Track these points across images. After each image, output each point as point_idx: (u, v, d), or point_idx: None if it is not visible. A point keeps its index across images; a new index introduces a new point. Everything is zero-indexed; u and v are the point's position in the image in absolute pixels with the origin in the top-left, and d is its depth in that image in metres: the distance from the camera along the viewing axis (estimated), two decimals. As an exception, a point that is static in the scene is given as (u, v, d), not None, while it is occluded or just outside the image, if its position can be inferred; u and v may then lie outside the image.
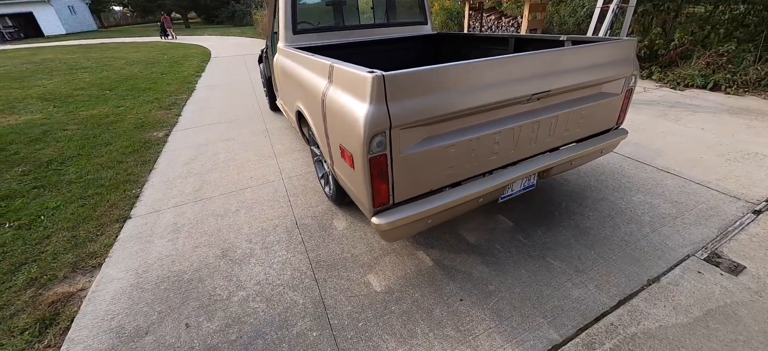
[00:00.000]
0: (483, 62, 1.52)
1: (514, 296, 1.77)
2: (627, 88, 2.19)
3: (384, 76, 1.31)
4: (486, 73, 1.55)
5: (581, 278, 1.86)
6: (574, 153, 2.08)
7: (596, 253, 2.04)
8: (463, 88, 1.51)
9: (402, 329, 1.63)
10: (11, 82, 7.74)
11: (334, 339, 1.60)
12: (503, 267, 1.96)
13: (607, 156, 3.25)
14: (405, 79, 1.37)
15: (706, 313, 1.63)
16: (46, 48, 16.23)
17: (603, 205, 2.49)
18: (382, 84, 1.31)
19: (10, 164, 3.65)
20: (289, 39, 3.30)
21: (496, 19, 8.72)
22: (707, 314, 1.62)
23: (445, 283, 1.87)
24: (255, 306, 1.81)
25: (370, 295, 1.83)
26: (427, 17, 3.97)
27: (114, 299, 1.92)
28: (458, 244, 2.17)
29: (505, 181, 1.80)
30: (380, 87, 1.32)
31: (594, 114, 2.11)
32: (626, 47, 2.06)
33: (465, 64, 1.48)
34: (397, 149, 1.43)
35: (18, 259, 2.25)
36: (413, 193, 1.60)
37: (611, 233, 2.20)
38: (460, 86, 1.50)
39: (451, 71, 1.46)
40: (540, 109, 1.84)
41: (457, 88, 1.49)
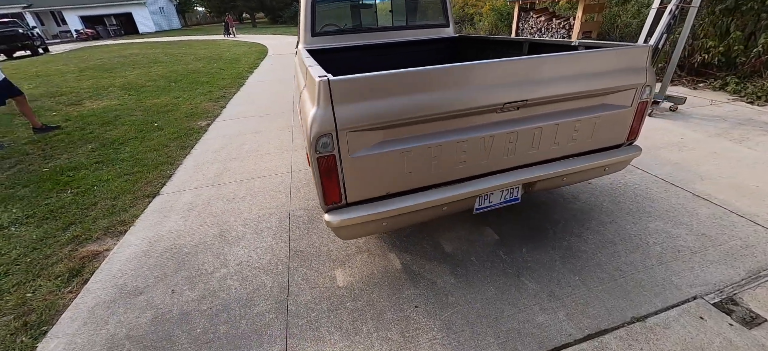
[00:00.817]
0: (441, 69, 1.50)
1: (471, 311, 1.71)
2: (639, 101, 1.95)
3: (329, 80, 1.37)
4: (445, 80, 1.52)
5: (553, 304, 1.72)
6: (564, 168, 1.92)
7: (580, 279, 1.87)
8: (419, 94, 1.50)
9: (349, 325, 1.67)
10: (103, 72, 9.25)
11: (286, 324, 1.71)
12: (471, 280, 1.90)
13: (632, 175, 2.90)
14: (353, 84, 1.41)
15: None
16: (136, 44, 18.98)
17: (608, 229, 2.25)
18: (327, 87, 1.37)
19: (85, 141, 4.41)
20: (308, 40, 3.50)
21: (547, 20, 8.15)
22: (692, 366, 1.41)
23: (406, 288, 1.87)
24: (231, 283, 2.00)
25: (331, 289, 1.90)
26: (448, 20, 3.90)
27: (126, 261, 2.25)
28: (433, 251, 2.14)
29: (473, 191, 1.74)
30: (326, 90, 1.38)
31: (595, 127, 1.92)
32: (635, 55, 1.84)
33: (420, 70, 1.47)
34: (346, 151, 1.48)
35: (69, 219, 2.74)
36: (369, 194, 1.63)
37: (607, 260, 1.99)
38: (415, 93, 1.49)
39: (405, 77, 1.46)
40: (519, 119, 1.73)
41: (412, 95, 1.49)
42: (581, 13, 6.98)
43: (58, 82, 7.56)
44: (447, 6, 3.87)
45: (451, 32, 3.93)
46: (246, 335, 1.66)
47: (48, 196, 3.11)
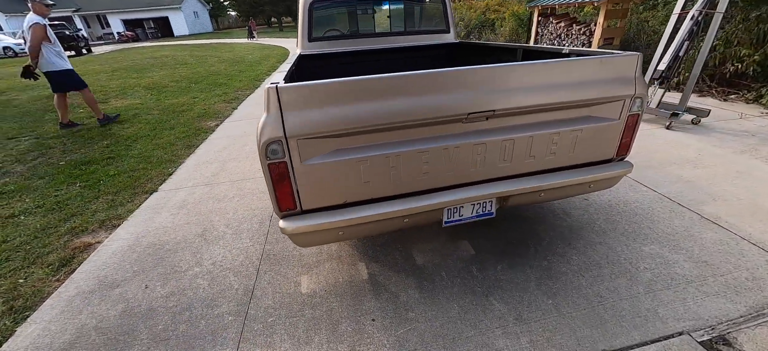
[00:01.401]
0: (398, 77, 1.45)
1: (429, 330, 1.63)
2: (628, 114, 1.81)
3: (277, 87, 1.36)
4: (402, 89, 1.47)
5: (518, 328, 1.62)
6: (542, 183, 1.80)
7: (554, 303, 1.74)
8: (375, 103, 1.46)
9: (303, 334, 1.65)
10: (132, 72, 9.85)
11: (243, 328, 1.71)
12: (436, 296, 1.82)
13: (635, 192, 2.70)
14: (303, 91, 1.39)
15: (660, 408, 1.28)
16: (168, 46, 20.08)
17: (596, 250, 2.10)
18: (276, 94, 1.36)
19: (102, 138, 4.69)
20: (305, 46, 3.54)
21: (566, 26, 7.82)
22: (660, 410, 1.27)
23: (368, 299, 1.82)
24: (200, 282, 2.03)
25: (293, 295, 1.89)
26: (449, 25, 3.83)
27: (112, 254, 2.35)
28: (403, 263, 2.08)
29: (436, 203, 1.67)
30: (275, 97, 1.37)
31: (577, 140, 1.79)
32: (623, 64, 1.71)
33: (375, 78, 1.43)
34: (297, 158, 1.46)
35: (71, 211, 2.91)
36: (325, 202, 1.60)
37: (587, 284, 1.85)
38: (371, 101, 1.45)
39: (358, 85, 1.43)
40: (487, 130, 1.65)
41: (367, 103, 1.45)
42: (602, 19, 6.64)
43: (92, 81, 8.12)
44: (447, 11, 3.79)
45: (452, 38, 3.85)
46: (202, 336, 1.68)
47: (58, 188, 3.32)
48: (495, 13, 14.53)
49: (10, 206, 3.01)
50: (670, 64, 3.96)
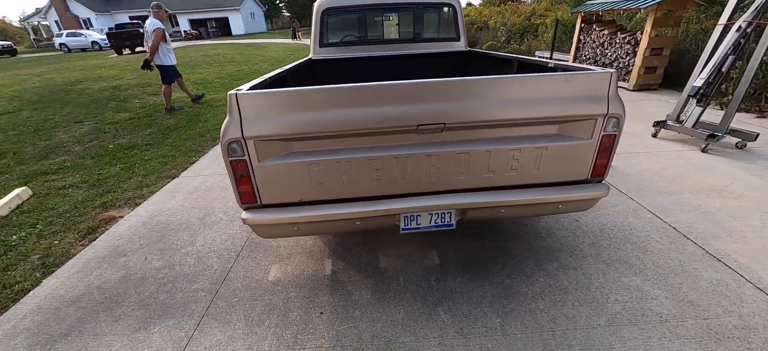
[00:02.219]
0: (349, 88, 1.54)
1: (369, 330, 1.70)
2: (603, 134, 1.72)
3: (236, 94, 1.52)
4: (353, 99, 1.56)
5: (455, 341, 1.62)
6: (501, 198, 1.78)
7: (502, 322, 1.71)
8: (326, 111, 1.56)
9: (257, 317, 1.80)
10: (187, 69, 10.93)
11: (211, 303, 1.91)
12: (387, 300, 1.88)
13: (637, 218, 2.50)
14: (259, 97, 1.54)
15: None
16: (223, 45, 21.83)
17: (568, 274, 2.00)
18: (236, 100, 1.53)
19: (147, 126, 5.33)
20: (316, 51, 3.75)
21: (610, 34, 7.26)
22: None
23: (323, 294, 1.93)
24: (188, 260, 2.29)
25: (260, 281, 2.06)
26: (459, 33, 3.81)
27: (127, 228, 2.72)
28: (367, 264, 2.16)
29: (389, 209, 1.73)
30: (235, 102, 1.53)
31: (542, 158, 1.75)
32: (594, 81, 1.64)
33: (326, 88, 1.54)
34: (255, 158, 1.62)
35: (107, 188, 3.39)
36: (282, 199, 1.74)
37: (545, 308, 1.78)
38: (322, 109, 1.56)
39: (310, 94, 1.55)
40: (439, 142, 1.68)
41: (319, 111, 1.56)
42: (650, 27, 6.07)
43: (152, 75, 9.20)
44: (458, 19, 3.78)
45: (462, 46, 3.82)
46: (176, 306, 1.91)
47: (102, 168, 3.87)
48: (540, 19, 13.86)
49: (63, 180, 3.59)
50: (710, 80, 3.56)
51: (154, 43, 5.44)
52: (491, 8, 18.68)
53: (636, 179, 3.10)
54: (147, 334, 1.74)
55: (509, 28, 14.73)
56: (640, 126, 4.54)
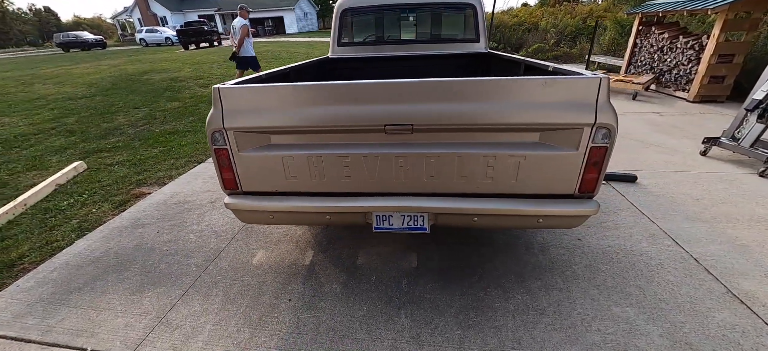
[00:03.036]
0: (318, 86, 1.59)
1: (328, 322, 1.74)
2: (591, 145, 1.58)
3: (219, 88, 1.65)
4: (323, 97, 1.61)
5: (409, 346, 1.60)
6: (474, 206, 1.72)
7: (462, 334, 1.65)
8: (297, 108, 1.63)
9: (232, 295, 1.94)
10: (236, 64, 11.80)
11: (198, 277, 2.09)
12: (353, 295, 1.90)
13: (652, 245, 2.25)
14: (238, 92, 1.65)
15: None
16: (274, 42, 23.19)
17: (550, 296, 1.87)
18: (219, 94, 1.65)
19: (191, 114, 5.90)
20: (334, 50, 3.87)
21: (671, 37, 6.47)
22: None
23: (296, 283, 2.01)
24: (191, 237, 2.52)
25: (245, 263, 2.20)
26: (479, 34, 3.68)
27: (150, 204, 3.06)
28: (345, 258, 2.20)
29: (358, 207, 1.76)
30: (218, 96, 1.66)
31: (520, 167, 1.65)
32: (579, 87, 1.51)
33: (297, 85, 1.61)
34: (235, 147, 1.74)
35: (145, 168, 3.83)
36: (260, 188, 1.84)
37: (511, 327, 1.69)
38: (291, 107, 1.63)
39: (281, 90, 1.63)
40: (408, 144, 1.67)
41: (291, 108, 1.64)
42: (718, 30, 5.32)
43: (206, 69, 10.15)
44: (478, 19, 3.65)
45: (482, 47, 3.69)
46: (169, 276, 2.12)
47: (146, 150, 4.37)
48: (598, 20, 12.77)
49: (112, 158, 4.12)
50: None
51: (241, 37, 6.32)
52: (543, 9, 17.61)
53: (666, 201, 2.77)
54: (140, 297, 1.95)
55: (561, 30, 13.78)
56: (688, 142, 4.01)
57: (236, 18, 6.50)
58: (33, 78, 10.18)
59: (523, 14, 17.46)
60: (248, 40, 6.52)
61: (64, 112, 6.21)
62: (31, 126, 5.40)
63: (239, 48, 6.42)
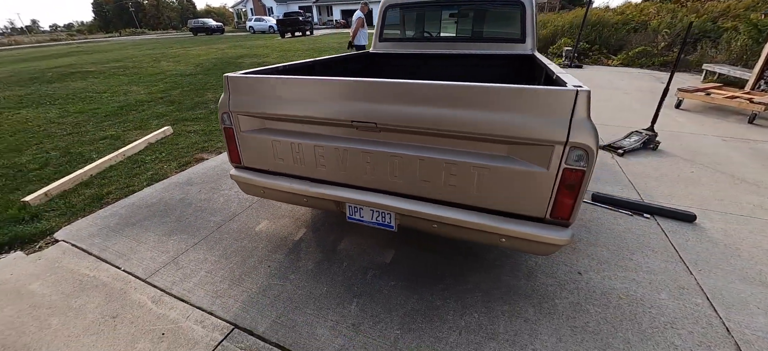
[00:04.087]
0: (298, 79, 1.76)
1: (289, 292, 1.93)
2: (565, 166, 1.43)
3: (228, 76, 1.94)
4: (302, 90, 1.77)
5: (344, 331, 1.69)
6: (434, 212, 1.70)
7: (400, 336, 1.67)
8: (281, 99, 1.83)
9: (228, 253, 2.28)
10: (315, 53, 12.85)
11: (211, 233, 2.50)
12: (321, 275, 2.06)
13: (671, 298, 1.88)
14: (242, 81, 1.92)
15: None
16: (359, 34, 24.22)
17: (512, 324, 1.74)
18: (227, 81, 1.95)
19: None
20: (376, 45, 4.01)
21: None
22: None
23: (280, 254, 2.26)
24: (220, 199, 2.98)
25: (248, 229, 2.54)
26: (525, 34, 3.40)
27: (203, 168, 3.68)
28: (329, 242, 2.36)
29: (330, 195, 1.89)
30: (227, 82, 1.96)
31: (483, 179, 1.57)
32: (552, 99, 1.37)
33: (280, 77, 1.80)
34: (238, 127, 2.03)
35: (211, 137, 4.58)
36: (257, 165, 2.11)
37: (455, 343, 1.64)
38: (275, 96, 1.83)
39: (269, 81, 1.84)
40: (375, 141, 1.73)
41: (273, 97, 1.84)
42: None
43: (290, 56, 11.35)
44: (526, 19, 3.37)
45: (527, 48, 3.41)
46: (193, 226, 2.58)
47: (216, 123, 5.19)
48: (732, 21, 10.24)
49: (191, 127, 5.01)
50: None
51: (355, 28, 7.18)
52: (660, 5, 14.73)
53: (724, 252, 2.23)
54: (167, 239, 2.44)
55: (678, 30, 11.40)
56: (803, 186, 3.08)
57: (357, 11, 7.39)
58: (162, 56, 12.77)
59: (632, 12, 14.91)
60: (362, 31, 7.20)
61: (172, 85, 7.71)
62: (148, 94, 6.88)
63: (354, 37, 7.18)
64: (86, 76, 9.05)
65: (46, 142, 4.42)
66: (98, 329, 1.73)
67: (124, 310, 1.84)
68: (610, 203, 2.79)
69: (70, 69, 10.38)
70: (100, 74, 9.33)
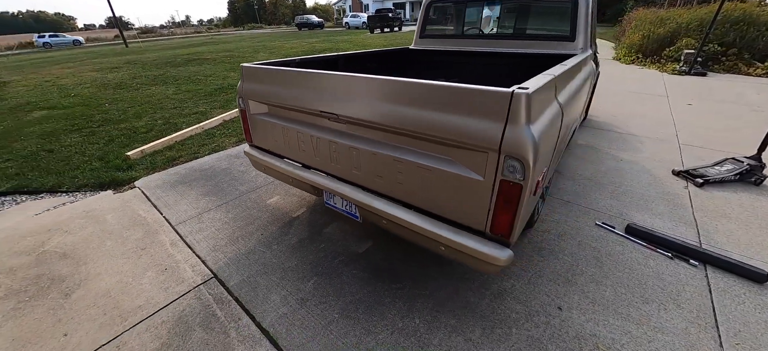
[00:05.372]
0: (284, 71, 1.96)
1: (265, 260, 2.18)
2: (501, 177, 1.31)
3: (243, 66, 2.26)
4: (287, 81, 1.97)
5: (290, 304, 1.85)
6: (384, 208, 1.72)
7: (333, 320, 1.75)
8: (269, 86, 2.06)
9: (238, 216, 2.66)
10: (389, 48, 13.16)
11: (234, 199, 2.94)
12: (296, 250, 2.26)
13: None
14: (252, 70, 2.20)
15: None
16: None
17: (447, 340, 1.65)
18: (242, 69, 2.27)
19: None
20: (416, 42, 4.03)
21: None
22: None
23: (275, 226, 2.54)
24: (252, 172, 3.45)
25: (262, 200, 2.90)
26: (576, 32, 2.99)
27: (254, 144, 4.26)
28: (320, 225, 2.55)
29: (309, 179, 2.06)
30: (242, 71, 2.28)
31: (426, 181, 1.54)
32: (488, 100, 1.27)
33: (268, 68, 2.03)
34: (248, 110, 2.35)
35: (270, 119, 5.22)
36: (262, 145, 2.41)
37: (383, 340, 1.64)
38: (268, 85, 2.07)
39: (266, 71, 2.08)
40: (338, 132, 1.83)
41: (268, 85, 2.08)
42: None
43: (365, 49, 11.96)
44: (577, 16, 2.95)
45: (577, 48, 3.00)
46: (224, 191, 3.07)
47: (280, 107, 5.88)
48: None
49: (259, 108, 5.79)
50: None
51: None
52: None
53: (795, 332, 1.66)
54: (201, 198, 2.97)
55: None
56: None
57: None
58: (262, 48, 14.81)
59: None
60: None
61: (261, 73, 8.92)
62: (238, 80, 8.11)
63: None
64: (202, 63, 11.16)
65: (158, 113, 5.70)
66: (129, 255, 2.27)
67: (150, 246, 2.36)
68: (648, 240, 2.30)
69: (193, 56, 12.92)
70: (212, 61, 11.39)
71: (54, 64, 13.24)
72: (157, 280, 2.05)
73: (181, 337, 1.67)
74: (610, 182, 3.09)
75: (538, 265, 2.10)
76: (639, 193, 2.90)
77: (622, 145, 3.93)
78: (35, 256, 2.28)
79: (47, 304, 1.89)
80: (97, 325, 1.75)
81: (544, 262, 2.11)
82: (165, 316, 1.80)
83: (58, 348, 1.64)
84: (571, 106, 1.93)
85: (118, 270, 2.14)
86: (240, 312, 1.81)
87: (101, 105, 6.25)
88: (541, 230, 2.41)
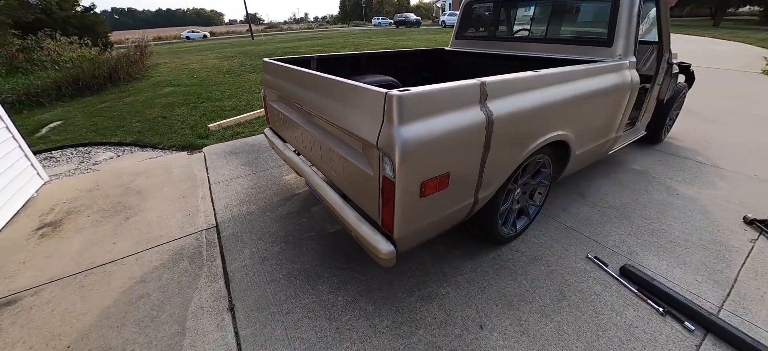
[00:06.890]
0: (274, 64, 2.33)
1: (258, 226, 2.62)
2: (383, 174, 1.42)
3: (265, 61, 2.73)
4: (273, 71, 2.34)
5: (258, 267, 2.23)
6: (325, 193, 1.95)
7: (295, 293, 2.05)
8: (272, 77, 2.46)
9: (255, 187, 3.20)
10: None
11: (262, 172, 3.52)
12: (284, 226, 2.64)
13: None
14: (269, 64, 2.64)
15: None
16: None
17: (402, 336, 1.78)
18: (264, 62, 2.75)
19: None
20: (452, 42, 4.02)
21: None
22: None
23: (277, 198, 2.99)
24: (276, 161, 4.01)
25: (278, 176, 3.40)
26: (615, 37, 2.60)
27: (300, 129, 4.89)
28: (313, 200, 2.88)
29: (291, 160, 2.42)
30: (264, 63, 2.76)
31: (346, 172, 1.72)
32: (369, 99, 1.41)
33: (274, 62, 2.42)
34: (266, 97, 2.82)
35: (324, 109, 5.84)
36: (274, 128, 2.87)
37: (329, 329, 1.88)
38: (272, 76, 2.47)
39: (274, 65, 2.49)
40: (305, 120, 2.11)
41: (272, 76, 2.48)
42: None
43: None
44: (617, 19, 2.55)
45: (615, 55, 2.61)
46: (255, 164, 3.69)
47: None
48: None
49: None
50: None
51: None
52: None
53: None
54: (239, 167, 3.65)
55: None
56: None
57: None
58: (350, 44, 15.99)
59: None
60: None
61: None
62: (317, 72, 9.11)
63: None
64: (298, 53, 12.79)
65: (244, 95, 6.92)
66: (174, 200, 3.01)
67: (189, 196, 3.07)
68: (643, 286, 1.93)
69: (291, 49, 14.86)
70: (305, 52, 12.93)
71: (194, 52, 16.91)
72: (181, 220, 2.70)
73: (173, 262, 2.22)
74: (642, 217, 2.58)
75: (487, 281, 2.00)
76: (676, 235, 2.37)
77: (691, 177, 3.15)
78: (123, 189, 3.23)
79: (115, 222, 2.71)
80: (134, 243, 2.45)
81: (496, 280, 2.00)
82: (172, 246, 2.39)
83: (108, 249, 2.37)
84: (533, 120, 1.78)
85: (162, 209, 2.88)
86: (217, 255, 2.28)
87: (209, 86, 7.90)
88: (514, 249, 2.25)
